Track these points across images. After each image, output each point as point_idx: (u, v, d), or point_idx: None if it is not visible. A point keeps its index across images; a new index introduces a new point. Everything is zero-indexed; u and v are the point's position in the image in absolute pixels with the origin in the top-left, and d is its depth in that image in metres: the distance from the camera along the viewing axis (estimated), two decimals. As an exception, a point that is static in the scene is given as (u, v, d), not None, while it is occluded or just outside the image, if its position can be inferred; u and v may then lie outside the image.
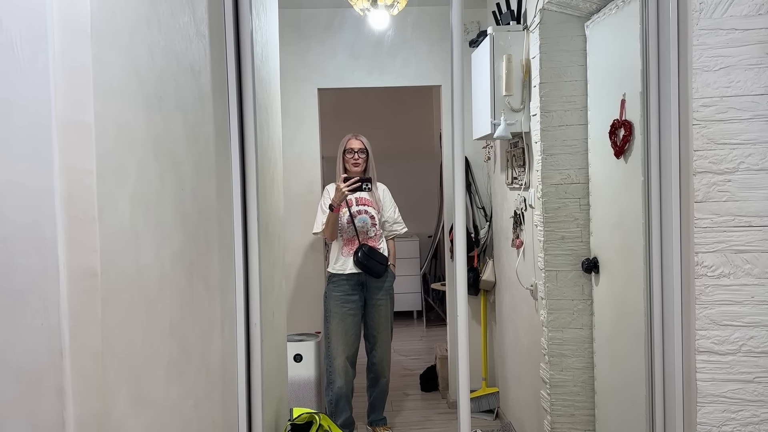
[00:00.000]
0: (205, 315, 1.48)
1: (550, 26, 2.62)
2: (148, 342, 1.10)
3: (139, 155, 1.08)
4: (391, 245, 3.45)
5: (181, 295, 1.30)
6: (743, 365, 1.69)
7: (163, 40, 1.21)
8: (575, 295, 2.67)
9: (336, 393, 3.31)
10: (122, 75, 1.01)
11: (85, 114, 0.89)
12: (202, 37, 1.51)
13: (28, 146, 0.84)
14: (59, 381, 0.88)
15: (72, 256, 0.89)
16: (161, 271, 1.17)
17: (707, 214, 1.68)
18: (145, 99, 1.11)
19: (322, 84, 3.87)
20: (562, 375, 2.68)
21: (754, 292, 1.67)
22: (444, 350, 4.15)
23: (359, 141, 3.33)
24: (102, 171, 0.92)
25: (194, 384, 1.38)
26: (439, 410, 3.90)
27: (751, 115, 1.66)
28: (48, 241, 0.87)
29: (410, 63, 3.88)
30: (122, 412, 0.98)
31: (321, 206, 3.34)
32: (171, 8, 1.27)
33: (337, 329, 3.30)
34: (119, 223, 0.98)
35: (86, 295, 0.90)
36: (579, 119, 2.63)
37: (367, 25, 3.35)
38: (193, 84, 1.42)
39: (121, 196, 1.00)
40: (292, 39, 3.78)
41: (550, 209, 2.66)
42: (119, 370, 0.98)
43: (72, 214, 0.89)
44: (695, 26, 1.67)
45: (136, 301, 1.05)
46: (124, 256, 1.00)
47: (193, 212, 1.39)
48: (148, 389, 1.10)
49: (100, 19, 0.93)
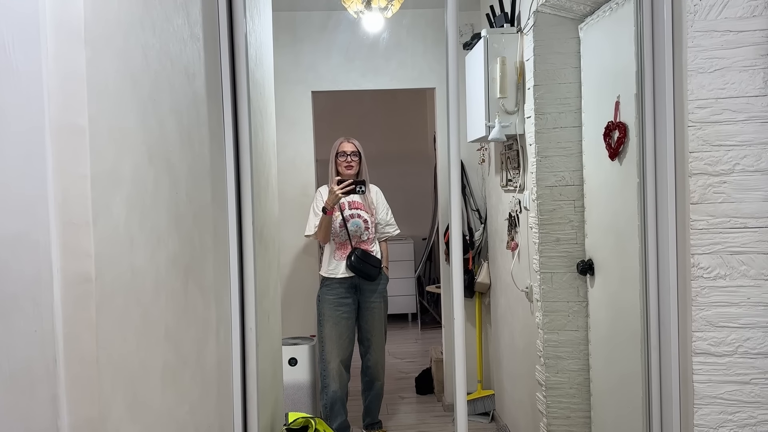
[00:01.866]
0: (200, 319, 1.47)
1: (543, 29, 2.62)
2: (143, 347, 1.09)
3: (134, 158, 1.07)
4: (383, 247, 3.44)
5: (176, 300, 1.29)
6: (740, 367, 1.69)
7: (157, 43, 1.20)
8: (570, 297, 2.67)
9: (331, 397, 3.30)
10: (116, 78, 1.00)
11: (79, 117, 0.88)
12: (196, 40, 1.50)
13: (22, 150, 0.83)
14: (53, 388, 0.87)
15: (66, 261, 0.87)
16: (156, 276, 1.16)
17: (703, 216, 1.68)
18: (139, 102, 1.10)
19: (316, 87, 3.86)
20: (558, 377, 2.68)
21: (750, 294, 1.68)
22: (439, 353, 4.14)
23: (351, 144, 3.32)
24: (96, 175, 0.91)
25: (190, 389, 1.37)
26: (435, 413, 3.89)
27: (746, 116, 1.66)
28: (42, 246, 0.86)
29: (405, 65, 3.88)
30: (118, 419, 0.97)
31: (313, 208, 3.33)
32: (165, 11, 1.26)
33: (331, 333, 3.28)
34: (114, 228, 0.97)
35: (80, 300, 0.88)
36: (573, 121, 2.63)
37: (361, 27, 3.34)
38: (188, 87, 1.41)
39: (116, 200, 0.99)
40: (286, 41, 3.77)
41: (544, 211, 2.66)
42: (114, 376, 0.97)
43: (66, 219, 0.87)
44: (690, 28, 1.67)
45: (130, 306, 1.03)
46: (118, 260, 0.99)
47: (187, 216, 1.38)
48: (144, 395, 1.09)
49: (93, 21, 0.92)
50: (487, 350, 3.87)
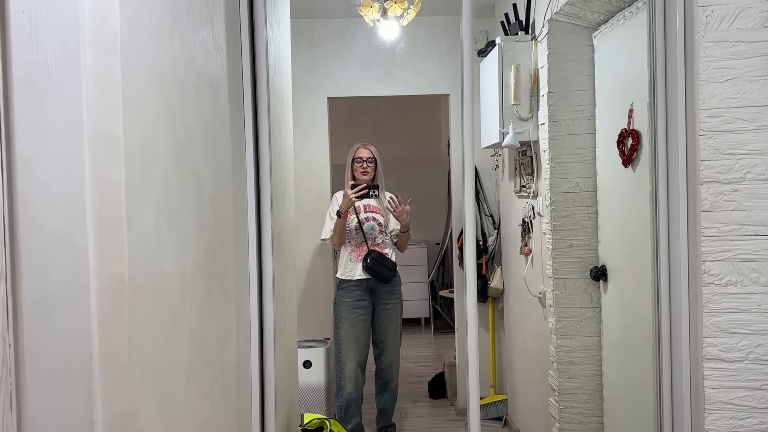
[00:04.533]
0: (221, 321, 1.52)
1: (558, 36, 2.65)
2: (170, 346, 1.14)
3: (163, 166, 1.12)
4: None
5: (200, 302, 1.34)
6: (750, 372, 1.71)
7: (184, 55, 1.25)
8: (583, 303, 2.69)
9: (346, 399, 3.34)
10: (148, 89, 1.05)
11: (115, 127, 0.93)
12: (219, 51, 1.55)
13: (63, 158, 0.88)
14: (89, 383, 0.92)
15: (101, 263, 0.92)
16: (182, 278, 1.21)
17: (714, 224, 1.70)
18: (168, 112, 1.15)
19: (332, 93, 3.91)
20: (571, 382, 2.70)
21: (761, 300, 1.70)
22: (452, 357, 4.17)
23: (368, 150, 3.37)
24: (129, 182, 0.96)
25: (211, 387, 1.41)
26: (448, 417, 3.92)
27: (757, 125, 1.68)
28: (79, 248, 0.91)
29: (420, 72, 3.92)
30: (147, 414, 1.02)
31: (329, 213, 3.38)
32: (192, 24, 1.31)
33: (348, 335, 3.33)
34: (145, 232, 1.02)
35: (115, 301, 0.93)
36: (587, 128, 2.66)
37: (377, 35, 3.39)
38: (212, 96, 1.47)
39: (147, 206, 1.04)
40: (303, 48, 3.83)
41: (558, 217, 2.69)
42: (144, 374, 1.01)
43: (102, 223, 0.92)
44: (702, 38, 1.70)
45: (159, 307, 1.08)
46: (149, 263, 1.04)
47: (210, 220, 1.43)
48: (170, 392, 1.14)
49: (128, 36, 0.97)
50: (500, 355, 3.89)
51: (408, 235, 3.41)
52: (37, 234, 0.85)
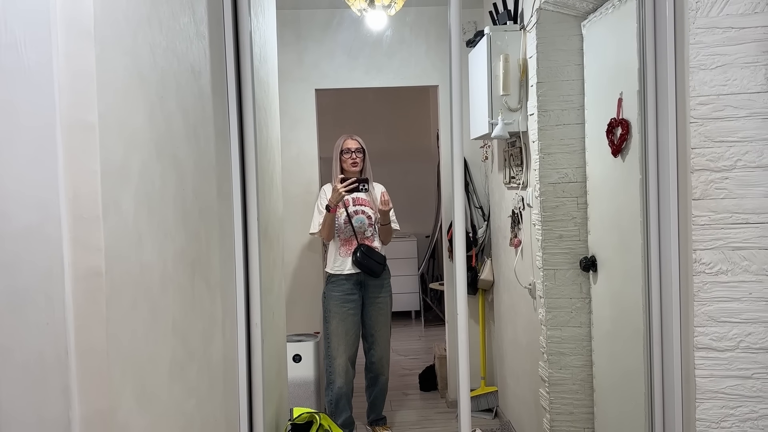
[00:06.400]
0: (206, 314, 1.49)
1: (546, 26, 2.63)
2: (151, 341, 1.10)
3: (142, 155, 1.08)
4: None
5: (183, 294, 1.30)
6: (741, 361, 1.70)
7: (164, 41, 1.21)
8: (573, 294, 2.68)
9: (336, 393, 3.32)
10: (125, 75, 1.02)
11: (89, 114, 0.90)
12: (202, 38, 1.51)
13: (34, 147, 0.84)
14: (65, 379, 0.89)
15: (77, 255, 0.89)
16: (164, 270, 1.18)
17: (705, 212, 1.69)
18: (146, 99, 1.11)
19: (319, 84, 3.87)
20: (561, 373, 2.69)
21: (752, 289, 1.69)
22: (443, 350, 4.16)
23: (355, 141, 3.34)
24: (106, 171, 0.93)
25: (196, 383, 1.38)
26: (438, 409, 3.91)
27: (747, 112, 1.67)
28: (53, 240, 0.87)
29: (408, 63, 3.89)
30: (127, 410, 0.99)
31: (318, 206, 3.35)
32: (172, 9, 1.27)
33: (338, 329, 3.30)
34: (123, 223, 0.99)
35: (91, 293, 0.90)
36: (576, 118, 2.64)
37: (364, 25, 3.36)
38: (194, 84, 1.43)
39: (125, 195, 1.00)
40: (289, 39, 3.78)
41: (547, 208, 2.67)
42: (124, 369, 0.98)
43: (77, 214, 0.89)
44: (692, 25, 1.68)
45: (139, 300, 1.05)
46: (127, 255, 1.00)
47: (194, 212, 1.40)
48: (152, 388, 1.11)
49: (102, 19, 0.93)
50: (491, 347, 3.88)
51: (389, 227, 3.37)
52: (6, 225, 0.82)
